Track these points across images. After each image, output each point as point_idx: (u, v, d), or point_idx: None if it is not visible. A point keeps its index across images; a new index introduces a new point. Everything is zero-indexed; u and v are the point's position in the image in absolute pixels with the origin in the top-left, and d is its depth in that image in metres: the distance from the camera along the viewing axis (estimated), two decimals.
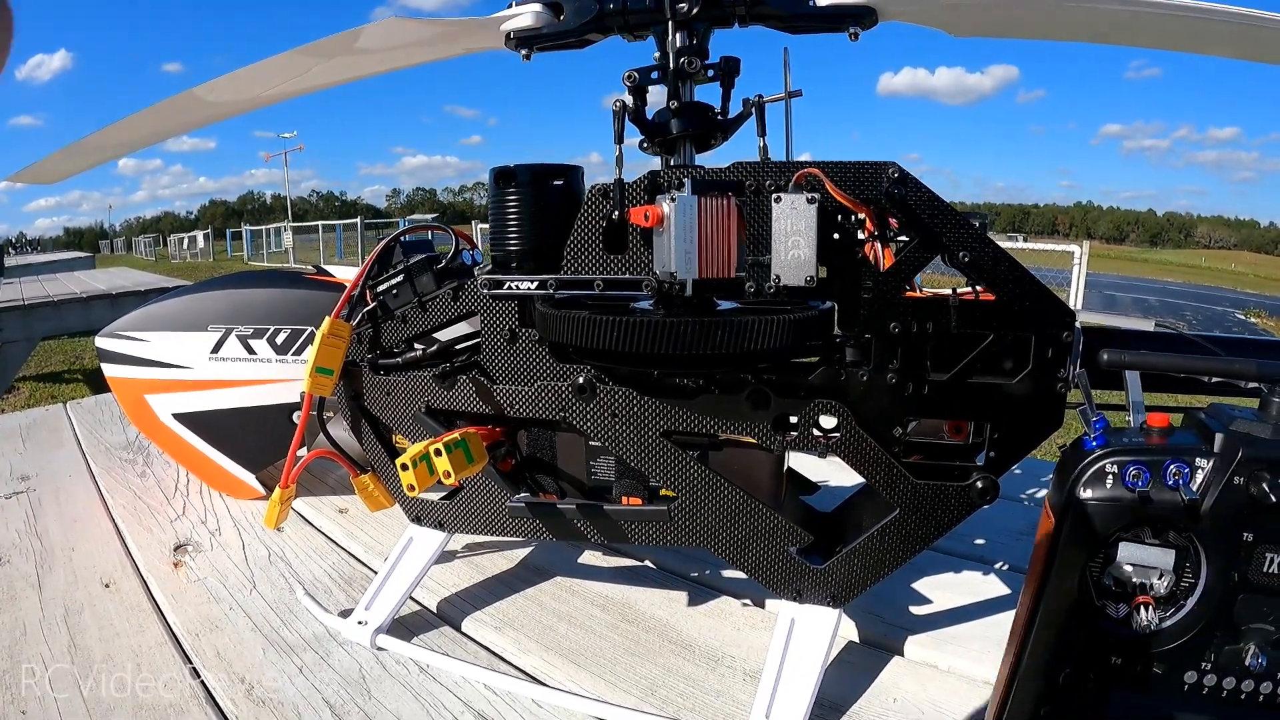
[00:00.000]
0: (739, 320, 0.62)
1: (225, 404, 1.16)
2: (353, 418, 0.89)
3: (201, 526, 1.14)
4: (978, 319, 0.65)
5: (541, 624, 0.88)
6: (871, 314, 0.66)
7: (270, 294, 1.15)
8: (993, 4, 0.77)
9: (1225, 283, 29.74)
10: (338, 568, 1.02)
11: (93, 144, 1.17)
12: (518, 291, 0.75)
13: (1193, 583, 0.51)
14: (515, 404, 0.79)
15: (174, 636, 0.86)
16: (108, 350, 1.21)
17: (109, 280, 7.10)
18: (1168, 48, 0.83)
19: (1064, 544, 0.52)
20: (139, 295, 5.12)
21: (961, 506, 0.69)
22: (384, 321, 0.86)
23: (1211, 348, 0.69)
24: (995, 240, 0.64)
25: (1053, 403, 0.66)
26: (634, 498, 0.79)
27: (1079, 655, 0.54)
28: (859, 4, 0.74)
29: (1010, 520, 1.11)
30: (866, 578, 0.72)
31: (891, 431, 0.69)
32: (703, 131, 0.78)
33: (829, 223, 0.65)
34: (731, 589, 0.95)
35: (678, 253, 0.59)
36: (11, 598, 0.94)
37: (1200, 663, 0.52)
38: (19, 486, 1.30)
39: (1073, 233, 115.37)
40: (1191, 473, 0.50)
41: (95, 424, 1.66)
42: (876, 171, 0.64)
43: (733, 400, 0.70)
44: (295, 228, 20.37)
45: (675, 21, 0.76)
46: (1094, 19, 0.79)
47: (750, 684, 0.76)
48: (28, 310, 5.11)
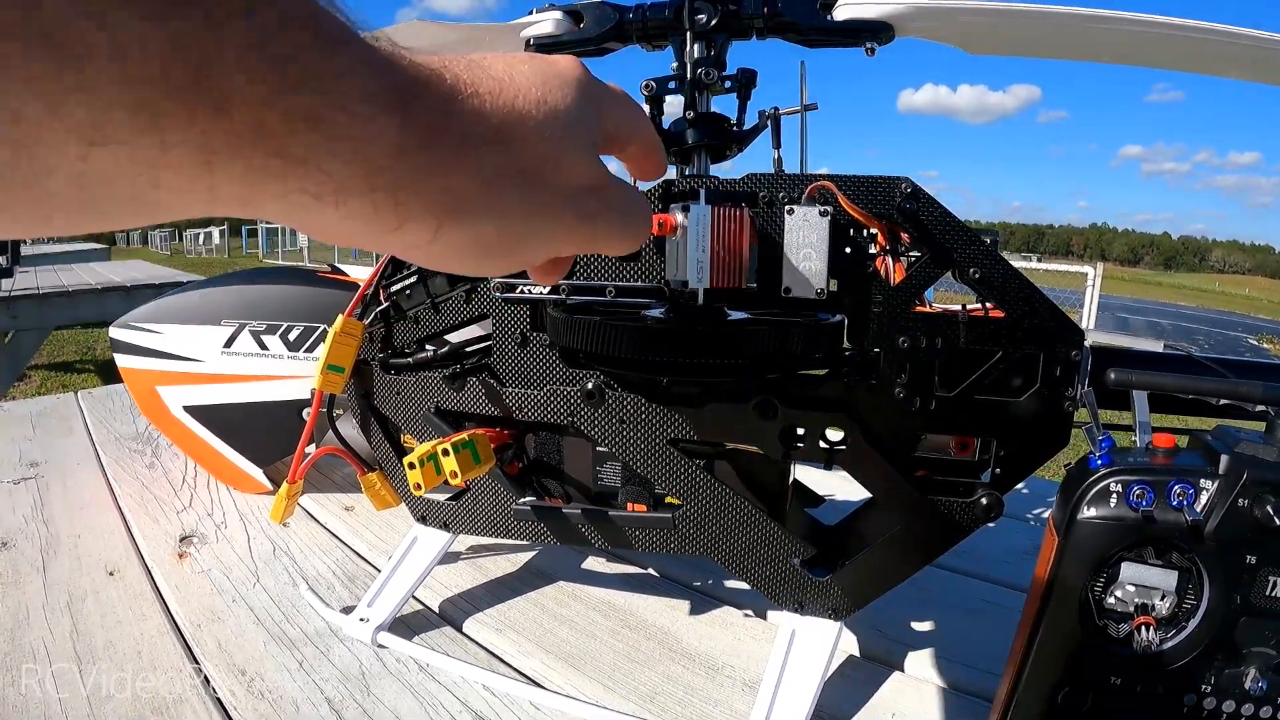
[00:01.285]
0: (751, 329, 0.63)
1: (236, 398, 1.17)
2: (362, 416, 0.90)
3: (208, 519, 1.15)
4: (987, 335, 0.65)
5: (542, 627, 0.88)
6: (881, 328, 0.66)
7: (284, 290, 1.16)
8: (1010, 23, 0.77)
9: (1239, 308, 29.61)
10: (341, 564, 1.03)
11: None
12: (530, 296, 0.76)
13: (1195, 604, 0.51)
14: (524, 407, 0.79)
15: (176, 626, 0.86)
16: (121, 340, 1.22)
17: (124, 272, 7.16)
18: (1188, 70, 0.83)
19: (1067, 561, 0.52)
20: (153, 288, 5.16)
21: (966, 523, 0.69)
22: (396, 321, 0.86)
23: (1220, 370, 0.69)
24: (1008, 259, 0.65)
25: (1059, 421, 0.66)
26: (639, 504, 0.79)
27: (1078, 674, 0.54)
28: (876, 20, 0.74)
29: (1013, 539, 1.10)
30: (869, 591, 0.72)
31: (898, 446, 0.69)
32: (718, 142, 0.79)
33: (841, 236, 0.65)
34: (733, 599, 0.95)
35: (691, 261, 0.60)
36: (16, 582, 0.94)
37: (1200, 685, 0.52)
38: (28, 472, 1.31)
39: (1087, 254, 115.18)
40: (1196, 494, 0.50)
41: (105, 414, 1.67)
42: (889, 186, 0.64)
43: (740, 410, 0.70)
44: None
45: (694, 32, 0.77)
46: (1113, 40, 0.79)
47: (749, 694, 0.76)
48: (42, 299, 5.15)
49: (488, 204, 0.26)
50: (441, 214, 0.25)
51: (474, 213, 0.26)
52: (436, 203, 0.25)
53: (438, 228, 0.26)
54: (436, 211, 0.25)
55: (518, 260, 0.30)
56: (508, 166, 0.27)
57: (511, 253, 0.29)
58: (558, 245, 0.30)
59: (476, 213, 0.26)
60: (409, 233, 0.25)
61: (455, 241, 0.27)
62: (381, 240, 0.26)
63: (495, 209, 0.27)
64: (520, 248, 0.29)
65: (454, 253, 0.27)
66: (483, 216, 0.27)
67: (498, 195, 0.27)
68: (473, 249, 0.27)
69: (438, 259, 0.27)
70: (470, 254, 0.28)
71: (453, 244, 0.27)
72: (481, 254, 0.28)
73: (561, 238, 0.30)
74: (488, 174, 0.26)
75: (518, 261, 0.30)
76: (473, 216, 0.26)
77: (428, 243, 0.26)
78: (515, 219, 0.28)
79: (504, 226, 0.27)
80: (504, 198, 0.27)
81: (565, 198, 0.29)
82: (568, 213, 0.29)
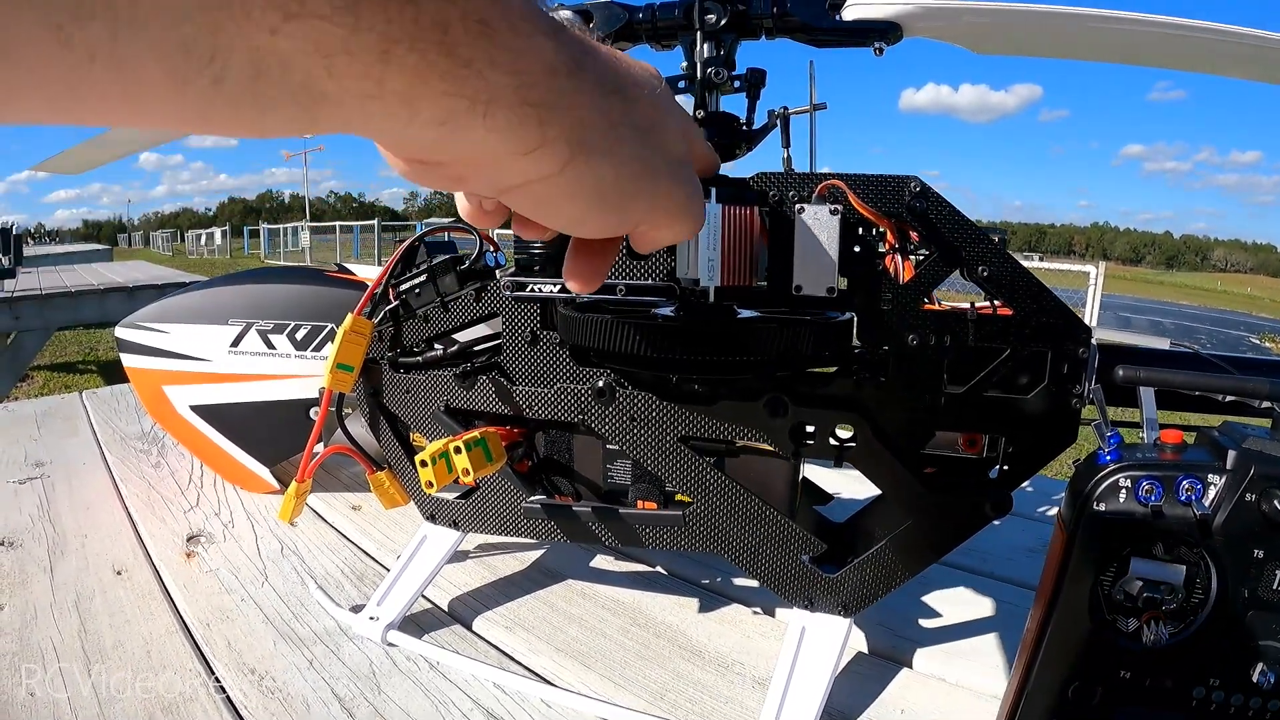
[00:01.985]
0: (762, 327, 0.63)
1: (243, 397, 1.17)
2: (371, 415, 0.90)
3: (215, 518, 1.15)
4: (995, 333, 0.66)
5: (552, 625, 0.88)
6: (890, 326, 0.67)
7: (291, 289, 1.16)
8: (1017, 23, 0.77)
9: (1240, 306, 29.57)
10: (350, 563, 1.03)
11: (116, 137, 1.19)
12: (540, 294, 0.76)
13: (1203, 599, 0.51)
14: (534, 405, 0.79)
15: (185, 626, 0.86)
16: (127, 340, 1.23)
17: (126, 273, 7.17)
18: (1190, 69, 0.84)
19: (1076, 557, 0.52)
20: (155, 289, 5.17)
21: (974, 520, 0.69)
22: (406, 320, 0.87)
23: (1226, 367, 0.70)
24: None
25: (1067, 418, 0.66)
26: (649, 502, 0.80)
27: (1088, 669, 0.54)
28: (884, 20, 0.74)
29: (1021, 536, 1.11)
30: (878, 588, 0.73)
31: (907, 443, 0.70)
32: (728, 141, 0.79)
33: (851, 235, 0.66)
34: (742, 597, 0.95)
35: (702, 260, 0.60)
36: (23, 582, 0.95)
37: (1209, 679, 0.52)
38: (33, 472, 1.31)
39: (1088, 253, 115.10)
40: (1204, 489, 0.50)
41: (111, 413, 1.68)
42: (899, 185, 0.64)
43: (750, 407, 0.70)
44: (313, 227, 20.51)
45: (703, 32, 0.77)
46: (1117, 40, 0.79)
47: (759, 691, 0.77)
48: (44, 300, 5.17)
49: (611, 146, 0.28)
50: (574, 145, 0.27)
51: (599, 151, 0.28)
52: (572, 133, 0.26)
53: (568, 159, 0.27)
54: (571, 141, 0.27)
55: (616, 218, 0.31)
56: (627, 117, 0.29)
57: (618, 207, 0.30)
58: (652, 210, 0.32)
59: (601, 152, 0.28)
60: (542, 158, 0.26)
61: (578, 178, 0.28)
62: (511, 165, 0.26)
63: (615, 153, 0.28)
64: (626, 203, 0.30)
65: (571, 191, 0.28)
66: (605, 157, 0.28)
67: (619, 141, 0.28)
68: (589, 191, 0.29)
69: (555, 194, 0.28)
70: (583, 197, 0.29)
71: (575, 180, 0.28)
72: (594, 199, 0.29)
73: (659, 203, 0.32)
74: (614, 118, 0.28)
75: (616, 220, 0.31)
76: (598, 154, 0.28)
77: (555, 173, 0.27)
78: (630, 168, 0.29)
79: (620, 173, 0.29)
80: (624, 145, 0.29)
81: (667, 161, 0.31)
82: (667, 176, 0.31)
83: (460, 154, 0.26)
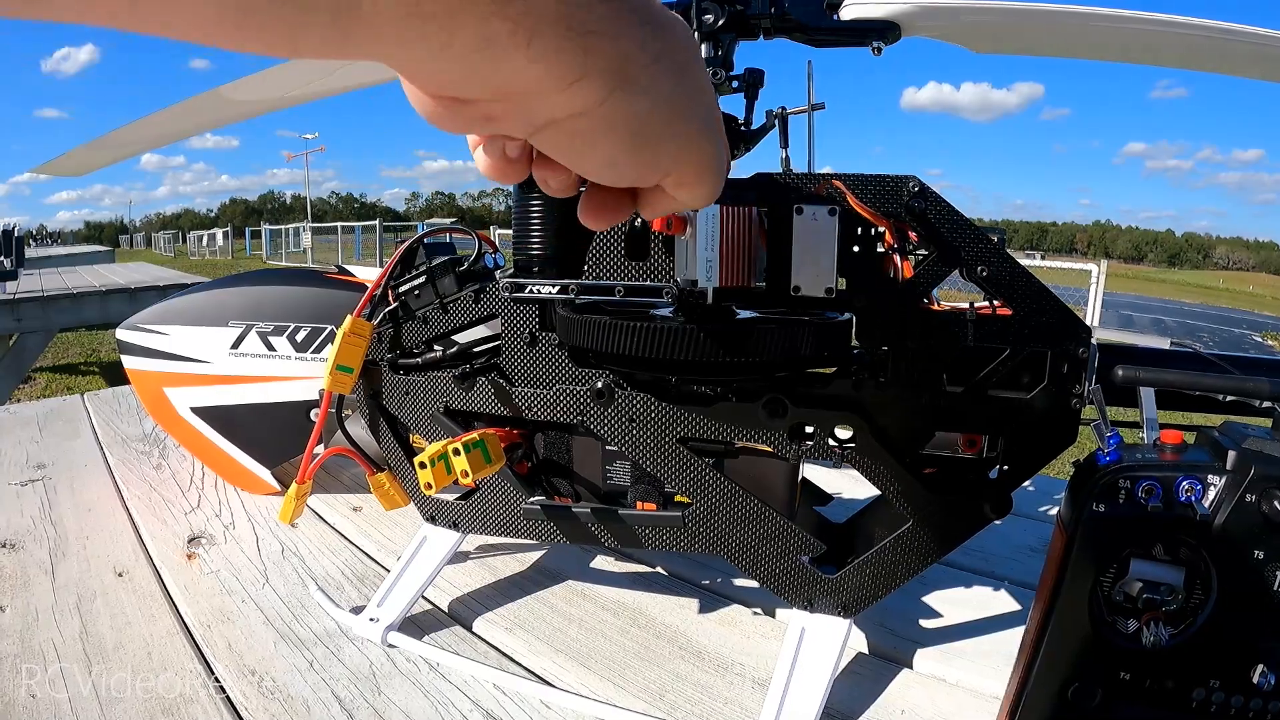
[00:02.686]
0: (761, 328, 0.63)
1: (243, 399, 1.17)
2: (371, 416, 0.90)
3: (216, 520, 1.15)
4: (994, 333, 0.66)
5: (552, 626, 0.88)
6: (889, 326, 0.67)
7: (291, 291, 1.16)
8: (1015, 22, 0.77)
9: (1243, 304, 29.52)
10: (350, 564, 1.03)
11: (118, 138, 1.19)
12: (539, 296, 0.76)
13: (1203, 599, 0.51)
14: (533, 407, 0.79)
15: (186, 627, 0.86)
16: (128, 342, 1.23)
17: (127, 275, 7.18)
18: (1192, 67, 0.84)
19: (1076, 557, 0.52)
20: (157, 290, 5.18)
21: (974, 520, 0.69)
22: (405, 322, 0.87)
23: (1226, 366, 0.69)
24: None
25: (1067, 418, 0.66)
26: (649, 503, 0.80)
27: (1088, 670, 0.54)
28: (882, 19, 0.74)
29: (1021, 536, 1.11)
30: (878, 588, 0.73)
31: (906, 444, 0.69)
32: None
33: (849, 235, 0.66)
34: (742, 597, 0.95)
35: (700, 261, 0.60)
36: (25, 583, 0.95)
37: (1209, 680, 0.52)
38: (35, 474, 1.31)
39: (1090, 251, 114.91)
40: (1204, 489, 0.50)
41: (112, 415, 1.68)
42: (897, 185, 0.64)
43: (750, 408, 0.70)
44: (314, 228, 20.52)
45: (701, 32, 0.77)
46: (1118, 38, 0.79)
47: (759, 692, 0.77)
48: (46, 301, 5.17)
49: (650, 81, 0.27)
50: (616, 78, 0.26)
51: (639, 84, 0.27)
52: (615, 64, 0.26)
53: (610, 91, 0.26)
54: (614, 71, 0.26)
55: (650, 159, 0.30)
56: (664, 53, 0.28)
57: (653, 147, 0.30)
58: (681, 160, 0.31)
59: (641, 87, 0.27)
60: (584, 89, 0.26)
61: (616, 113, 0.27)
62: (549, 99, 0.26)
63: (653, 89, 0.28)
64: (660, 143, 0.30)
65: (610, 125, 0.28)
66: (644, 94, 0.27)
67: (658, 77, 0.28)
68: (627, 129, 0.28)
69: (592, 130, 0.28)
70: (619, 134, 0.28)
71: (613, 115, 0.27)
72: (630, 137, 0.28)
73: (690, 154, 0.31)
74: (653, 52, 0.27)
75: (649, 161, 0.30)
76: (638, 89, 0.27)
77: (596, 104, 0.26)
78: (666, 106, 0.29)
79: (656, 109, 0.28)
80: (662, 81, 0.28)
81: (701, 103, 0.31)
82: (699, 118, 0.31)
83: (496, 86, 0.25)
